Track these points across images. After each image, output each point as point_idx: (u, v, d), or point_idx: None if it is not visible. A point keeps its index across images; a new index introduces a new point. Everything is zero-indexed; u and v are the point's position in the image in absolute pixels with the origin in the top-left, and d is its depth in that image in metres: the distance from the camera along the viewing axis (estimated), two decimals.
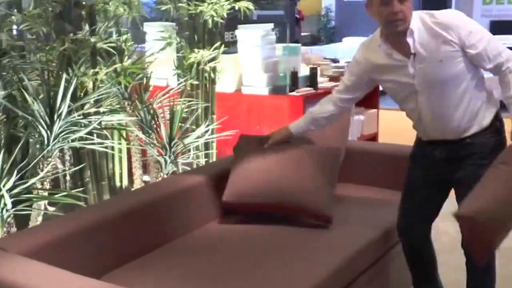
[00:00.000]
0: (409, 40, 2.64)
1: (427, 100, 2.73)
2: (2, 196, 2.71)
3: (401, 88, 2.79)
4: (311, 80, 5.05)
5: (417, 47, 2.65)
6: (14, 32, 3.42)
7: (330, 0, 17.89)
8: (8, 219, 2.79)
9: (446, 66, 2.63)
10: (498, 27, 15.78)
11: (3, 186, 2.73)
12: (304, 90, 4.91)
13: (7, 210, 2.75)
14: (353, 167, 3.78)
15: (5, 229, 2.78)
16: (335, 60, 5.98)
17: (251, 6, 4.44)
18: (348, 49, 15.15)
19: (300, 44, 5.62)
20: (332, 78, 5.40)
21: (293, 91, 4.87)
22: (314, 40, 17.31)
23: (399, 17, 2.59)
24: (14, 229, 2.86)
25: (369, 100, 5.61)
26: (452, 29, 2.61)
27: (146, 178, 4.04)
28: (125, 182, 3.99)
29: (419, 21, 2.67)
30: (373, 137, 5.83)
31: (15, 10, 3.33)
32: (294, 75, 4.94)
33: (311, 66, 5.26)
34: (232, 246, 2.84)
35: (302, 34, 16.22)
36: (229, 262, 2.66)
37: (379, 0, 2.60)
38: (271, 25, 5.20)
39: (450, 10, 2.84)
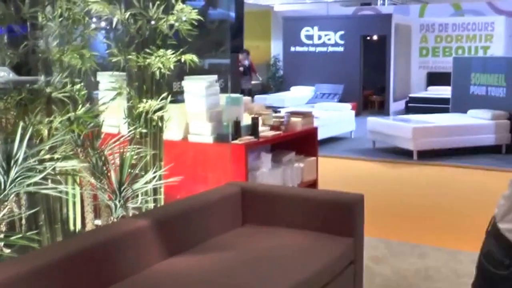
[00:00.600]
0: None
1: None
2: None
3: None
4: (253, 129, 5.34)
5: None
6: None
7: (278, 49, 18.43)
8: None
9: None
10: (434, 79, 16.57)
11: None
12: (246, 139, 5.20)
13: None
14: (294, 212, 4.06)
15: None
16: (276, 110, 6.30)
17: (195, 58, 4.68)
18: (296, 97, 15.70)
19: (242, 95, 5.93)
20: (273, 127, 5.71)
21: (235, 139, 5.15)
22: (264, 89, 17.78)
23: None
24: None
25: (309, 148, 5.97)
26: None
27: (98, 222, 4.21)
28: (78, 226, 4.16)
29: None
30: (313, 184, 6.13)
31: None
32: (237, 124, 5.23)
33: (253, 116, 5.56)
34: (181, 283, 3.06)
35: (253, 82, 16.68)
36: None
37: None
38: (215, 77, 5.50)
39: None
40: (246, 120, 5.54)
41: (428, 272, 4.76)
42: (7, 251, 3.36)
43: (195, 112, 5.32)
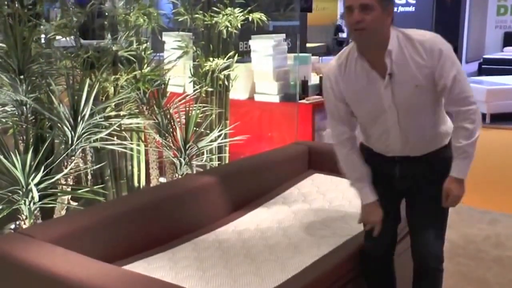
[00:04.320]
0: (387, 60, 2.45)
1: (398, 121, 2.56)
2: (31, 190, 2.94)
3: (373, 108, 2.57)
4: (321, 88, 5.24)
5: (393, 68, 2.45)
6: (42, 40, 3.64)
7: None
8: (35, 212, 3.02)
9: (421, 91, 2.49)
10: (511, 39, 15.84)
11: (31, 181, 2.96)
12: (314, 98, 5.13)
13: (34, 203, 2.98)
14: None
15: (32, 220, 3.01)
16: None
17: (263, 17, 4.62)
18: None
19: (310, 54, 5.83)
20: None
21: (303, 99, 5.08)
22: (329, 51, 17.47)
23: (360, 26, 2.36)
24: (39, 221, 3.09)
25: None
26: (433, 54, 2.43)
27: (162, 180, 4.25)
28: (143, 182, 4.21)
29: (396, 39, 2.48)
30: None
31: (43, 21, 3.56)
32: (304, 83, 5.15)
33: (321, 75, 5.46)
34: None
35: (318, 44, 16.39)
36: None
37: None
38: (283, 35, 5.41)
39: (430, 33, 2.53)
40: (314, 79, 5.46)
41: (499, 239, 4.59)
42: (74, 204, 3.42)
43: (261, 71, 5.27)
